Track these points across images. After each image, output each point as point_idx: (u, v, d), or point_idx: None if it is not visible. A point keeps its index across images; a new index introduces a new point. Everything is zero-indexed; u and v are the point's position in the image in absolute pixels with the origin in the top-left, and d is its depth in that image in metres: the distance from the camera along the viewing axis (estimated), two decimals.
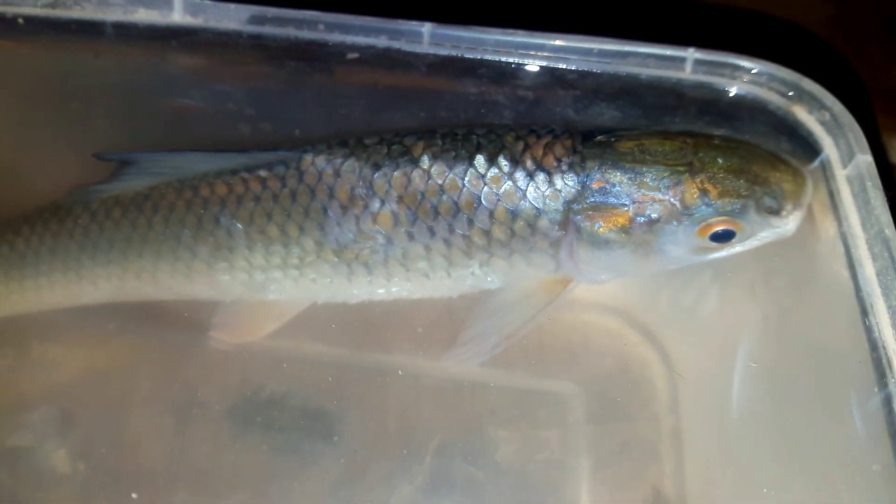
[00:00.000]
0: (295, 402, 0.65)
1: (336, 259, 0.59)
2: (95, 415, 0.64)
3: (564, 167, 0.56)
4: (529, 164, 0.56)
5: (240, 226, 0.60)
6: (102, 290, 0.63)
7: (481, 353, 0.59)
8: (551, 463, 0.62)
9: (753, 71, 0.60)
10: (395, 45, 0.62)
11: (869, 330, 0.46)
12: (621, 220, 0.55)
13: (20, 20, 0.65)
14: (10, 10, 0.64)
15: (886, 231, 0.49)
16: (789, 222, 0.54)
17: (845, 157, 0.55)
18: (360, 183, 0.58)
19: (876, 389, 0.45)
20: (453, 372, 0.67)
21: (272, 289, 0.62)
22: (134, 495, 0.60)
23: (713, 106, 0.61)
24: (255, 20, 0.63)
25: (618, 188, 0.55)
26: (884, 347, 0.45)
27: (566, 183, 0.55)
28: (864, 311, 0.47)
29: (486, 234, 0.56)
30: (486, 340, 0.59)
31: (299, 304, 0.64)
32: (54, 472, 0.61)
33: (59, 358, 0.67)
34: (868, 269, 0.49)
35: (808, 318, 0.56)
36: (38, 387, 0.66)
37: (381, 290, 0.61)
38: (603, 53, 0.60)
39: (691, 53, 0.60)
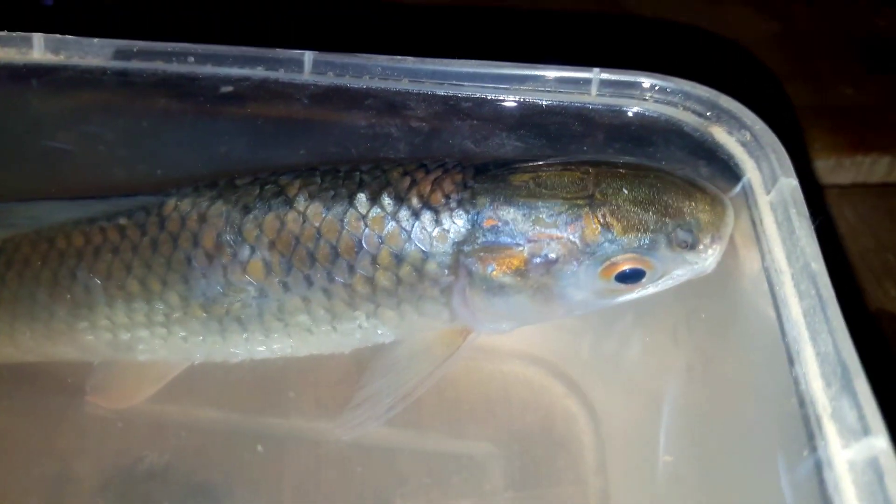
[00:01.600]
0: (177, 476, 0.58)
1: (205, 315, 0.52)
2: None
3: (453, 204, 0.49)
4: (415, 201, 0.50)
5: (98, 281, 0.53)
6: None
7: (375, 417, 0.52)
8: None
9: (666, 90, 0.53)
10: (273, 75, 0.56)
11: (796, 382, 0.39)
12: (516, 262, 0.48)
13: None
14: None
15: (813, 265, 0.42)
16: (707, 257, 0.48)
17: (768, 180, 0.48)
18: (228, 228, 0.52)
19: (805, 453, 0.38)
20: (359, 437, 0.60)
21: (140, 349, 0.55)
22: None
23: (623, 131, 0.54)
24: (120, 54, 0.57)
25: (511, 226, 0.48)
26: (812, 403, 0.38)
27: (454, 222, 0.49)
28: (791, 360, 0.40)
29: (370, 281, 0.50)
30: (380, 402, 0.51)
31: (178, 364, 0.58)
32: None
33: None
34: (794, 310, 0.42)
35: (733, 368, 0.49)
36: None
37: (261, 349, 0.54)
38: (498, 78, 0.54)
39: (596, 74, 0.54)
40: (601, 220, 0.47)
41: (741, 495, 0.44)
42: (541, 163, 0.51)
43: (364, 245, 0.50)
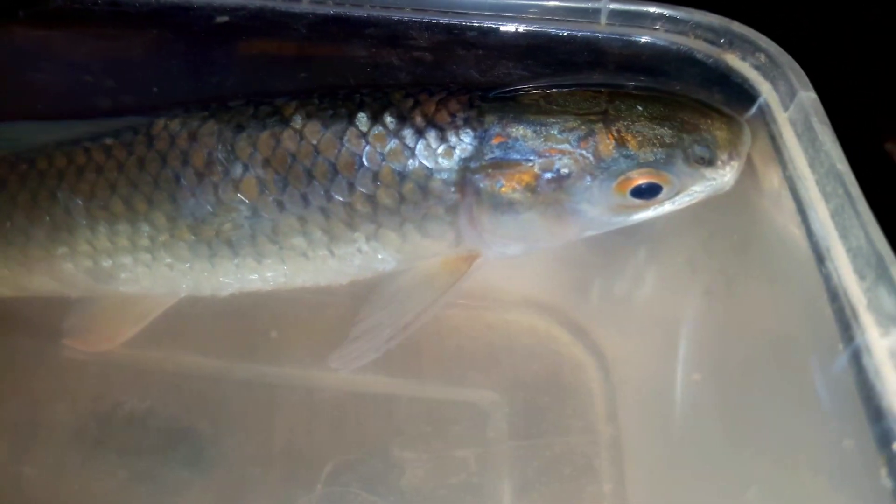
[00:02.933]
0: (158, 422, 0.55)
1: (193, 237, 0.49)
2: None
3: (459, 122, 0.47)
4: (419, 120, 0.47)
5: (79, 201, 0.50)
6: None
7: (375, 348, 0.49)
8: (467, 487, 0.52)
9: (676, 18, 0.52)
10: (270, 4, 0.54)
11: (827, 278, 0.37)
12: (526, 178, 0.46)
13: None
14: None
15: (839, 166, 0.40)
16: (726, 173, 0.46)
17: (786, 98, 0.47)
18: (220, 146, 0.49)
19: (840, 346, 0.35)
20: (354, 385, 0.57)
21: (122, 278, 0.52)
22: None
23: (634, 60, 0.53)
24: None
25: (520, 143, 0.46)
26: (846, 295, 0.36)
27: (461, 139, 0.47)
28: (820, 258, 0.38)
29: (371, 199, 0.47)
30: (379, 333, 0.48)
31: (162, 302, 0.54)
32: None
33: None
34: (821, 211, 0.40)
35: (755, 284, 0.46)
36: None
37: (253, 277, 0.51)
38: (503, 7, 0.53)
39: (605, 4, 0.52)
40: (615, 135, 0.45)
41: (771, 414, 0.41)
42: (550, 83, 0.49)
43: (365, 162, 0.47)
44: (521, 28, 0.53)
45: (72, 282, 0.53)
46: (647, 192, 0.45)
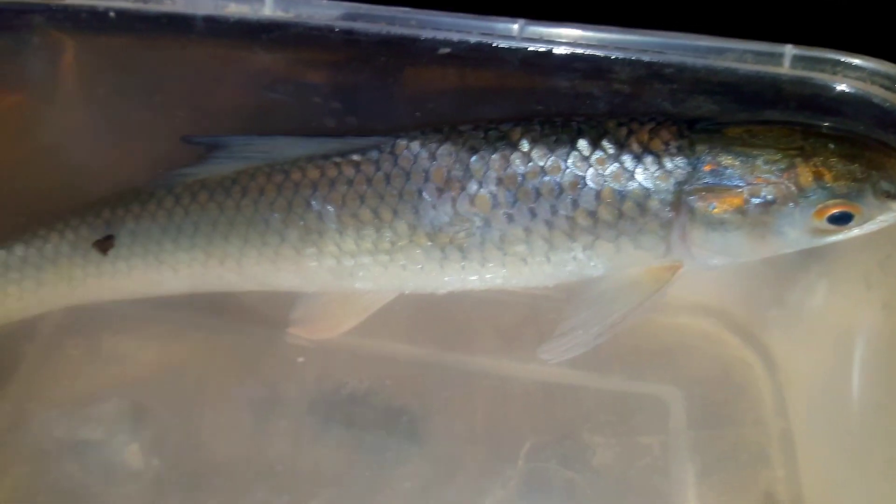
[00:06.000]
0: (377, 401, 0.63)
1: (429, 243, 0.57)
2: (169, 410, 0.62)
3: (673, 150, 0.54)
4: (636, 147, 0.55)
5: (331, 209, 0.58)
6: (182, 277, 0.61)
7: (583, 344, 0.56)
8: (654, 469, 0.59)
9: (854, 65, 0.59)
10: (487, 40, 0.62)
11: None
12: (736, 202, 0.53)
13: (112, 14, 0.65)
14: (103, 4, 0.65)
15: None
16: None
17: None
18: (457, 166, 0.57)
19: None
20: (541, 375, 0.65)
21: (360, 276, 0.60)
22: (213, 483, 0.57)
23: (813, 100, 0.60)
24: (347, 17, 0.63)
25: (730, 171, 0.53)
26: None
27: (676, 165, 0.54)
28: None
29: (592, 215, 0.55)
30: (588, 330, 0.56)
31: (383, 297, 0.62)
32: (126, 466, 0.59)
33: (130, 351, 0.65)
34: None
35: None
36: (109, 380, 0.63)
37: (473, 277, 0.59)
38: (700, 49, 0.60)
39: (789, 50, 0.59)
40: (814, 169, 0.52)
41: None
42: (748, 119, 0.56)
43: (588, 182, 0.55)
44: (713, 66, 0.60)
45: (312, 278, 0.61)
46: (841, 220, 0.52)
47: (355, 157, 0.59)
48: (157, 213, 0.60)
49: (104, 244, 0.59)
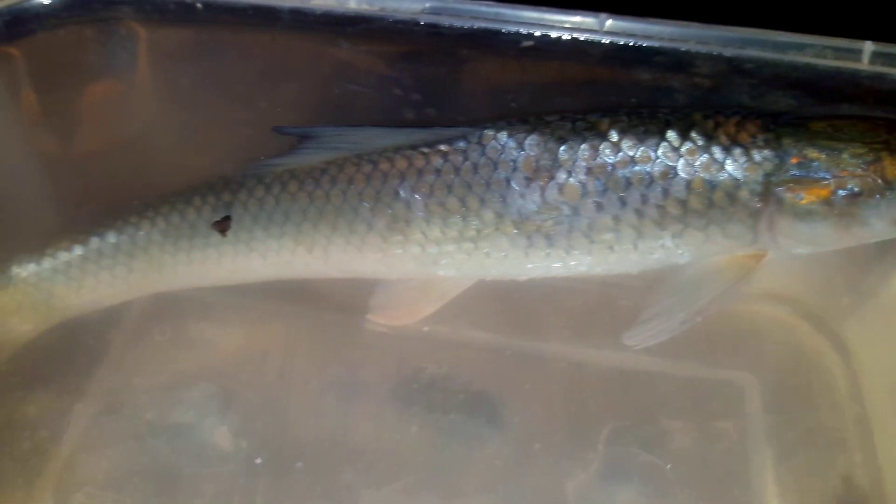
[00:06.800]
0: (456, 386, 0.64)
1: (515, 231, 0.58)
2: (255, 393, 0.64)
3: (760, 143, 0.56)
4: (724, 139, 0.56)
5: (419, 198, 0.59)
6: (270, 263, 0.62)
7: (667, 331, 0.57)
8: (732, 453, 0.60)
9: None
10: (570, 34, 0.63)
11: None
12: (823, 193, 0.54)
13: (199, 5, 0.66)
14: None
15: None
16: None
17: None
18: (546, 156, 0.58)
19: None
20: (616, 362, 0.66)
21: (443, 263, 0.61)
22: (300, 464, 0.59)
23: (892, 96, 0.61)
24: (432, 11, 0.64)
25: (816, 164, 0.55)
26: None
27: (764, 157, 0.55)
28: None
29: (683, 204, 0.56)
30: (673, 317, 0.57)
31: (461, 285, 0.63)
32: (216, 448, 0.60)
33: (216, 337, 0.66)
34: None
35: None
36: (196, 365, 0.65)
37: (557, 265, 0.60)
38: (780, 45, 0.61)
39: (868, 46, 0.61)
40: None
41: None
42: (830, 114, 0.58)
43: (679, 172, 0.56)
44: (793, 62, 0.62)
45: (396, 266, 0.62)
46: None
47: (443, 148, 0.60)
48: (248, 201, 0.62)
49: (222, 224, 0.60)
